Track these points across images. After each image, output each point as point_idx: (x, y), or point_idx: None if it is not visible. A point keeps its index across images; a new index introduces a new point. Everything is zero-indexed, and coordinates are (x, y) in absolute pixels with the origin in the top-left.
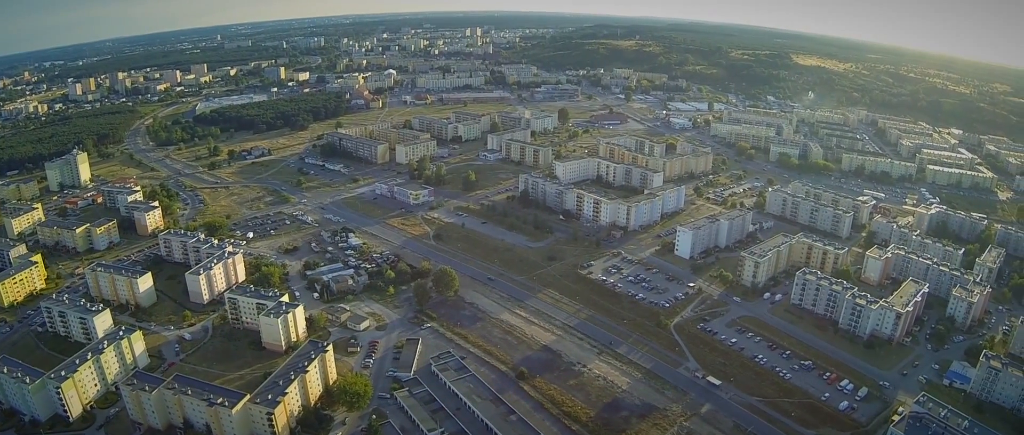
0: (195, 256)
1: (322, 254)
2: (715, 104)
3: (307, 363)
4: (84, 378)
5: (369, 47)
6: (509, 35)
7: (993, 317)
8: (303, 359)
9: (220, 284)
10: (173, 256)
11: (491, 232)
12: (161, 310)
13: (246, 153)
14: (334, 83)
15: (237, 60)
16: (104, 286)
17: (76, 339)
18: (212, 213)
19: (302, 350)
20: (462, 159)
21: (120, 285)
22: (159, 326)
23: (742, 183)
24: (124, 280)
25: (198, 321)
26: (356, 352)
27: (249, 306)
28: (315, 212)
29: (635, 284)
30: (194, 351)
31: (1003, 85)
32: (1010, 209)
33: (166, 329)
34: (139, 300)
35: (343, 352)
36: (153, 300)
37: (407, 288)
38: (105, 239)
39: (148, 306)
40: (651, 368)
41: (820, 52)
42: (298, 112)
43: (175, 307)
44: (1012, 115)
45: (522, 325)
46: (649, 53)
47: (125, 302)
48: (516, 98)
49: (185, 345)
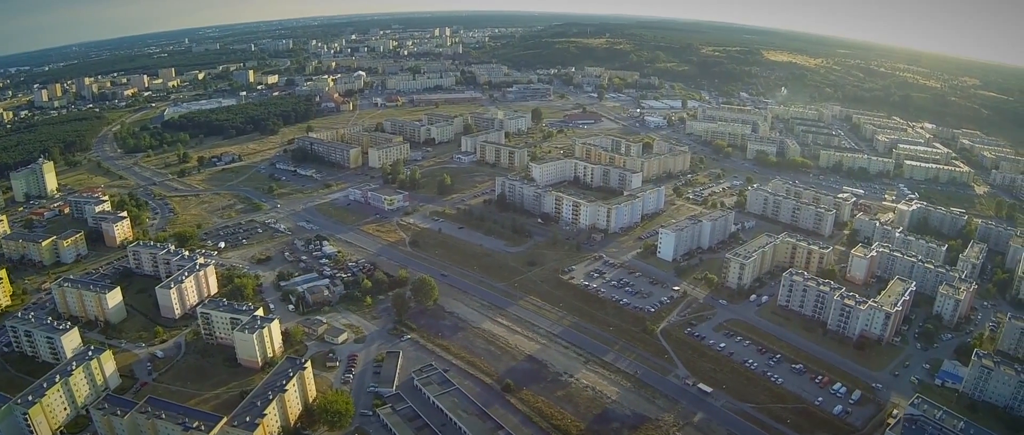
0: (165, 268)
1: (296, 264)
2: (689, 101)
3: (285, 381)
4: (53, 402)
5: (338, 49)
6: (478, 34)
7: (979, 313)
8: (281, 377)
9: (192, 298)
10: (143, 268)
11: (468, 237)
12: (131, 326)
13: (216, 159)
14: (304, 86)
15: (205, 63)
16: (72, 302)
17: (44, 359)
18: (182, 223)
19: (280, 367)
20: (436, 162)
21: (88, 301)
22: (130, 343)
23: (721, 182)
24: (92, 296)
25: (170, 337)
26: (335, 367)
27: (223, 321)
28: (288, 219)
29: (618, 289)
30: (167, 369)
31: (972, 79)
32: (988, 203)
33: (137, 346)
34: (108, 316)
35: (321, 367)
36: (123, 316)
37: (385, 298)
38: (72, 252)
39: (118, 322)
40: (640, 376)
41: (790, 48)
42: (268, 116)
43: (146, 323)
44: (983, 108)
45: (505, 334)
46: (620, 51)
47: (94, 318)
48: (488, 98)
49: (157, 363)
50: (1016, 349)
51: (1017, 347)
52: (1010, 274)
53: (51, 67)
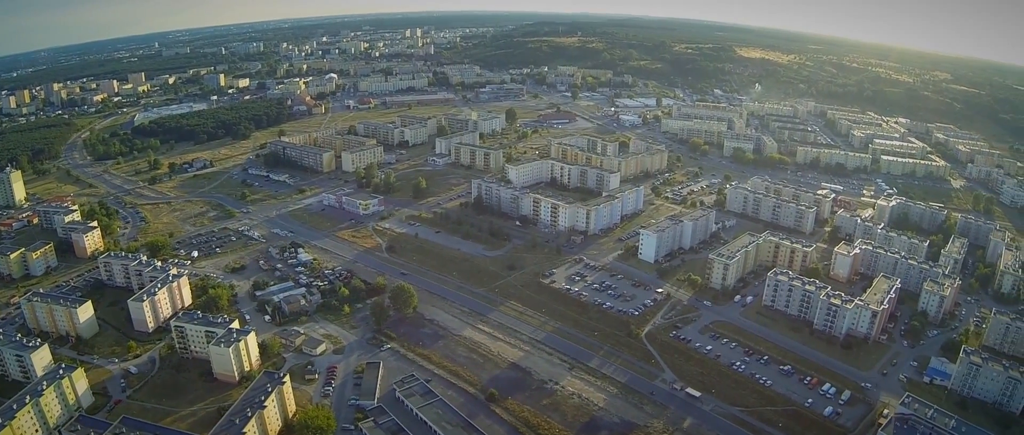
0: (138, 280)
1: (271, 272)
2: (663, 99)
3: (264, 397)
4: (23, 425)
5: (309, 51)
6: (449, 35)
7: (963, 309)
8: (259, 392)
9: (165, 310)
10: (114, 280)
11: (446, 241)
12: (104, 341)
13: (187, 165)
14: (275, 89)
15: (175, 68)
16: (41, 317)
17: (13, 378)
18: (154, 231)
19: (258, 382)
20: (410, 165)
21: (59, 315)
22: (102, 359)
23: (699, 180)
24: (63, 310)
25: (144, 352)
26: (314, 380)
27: (198, 334)
28: (262, 226)
29: (601, 292)
30: (141, 386)
31: (943, 73)
32: (965, 197)
33: (110, 362)
34: (79, 331)
35: (300, 380)
36: (95, 330)
37: (363, 306)
38: (42, 264)
39: (90, 337)
40: (627, 382)
41: (762, 44)
42: (239, 120)
43: (118, 337)
44: (956, 102)
45: (487, 341)
46: (592, 49)
47: (65, 334)
48: (461, 99)
49: (131, 379)
50: (1002, 344)
51: (1003, 342)
52: (991, 268)
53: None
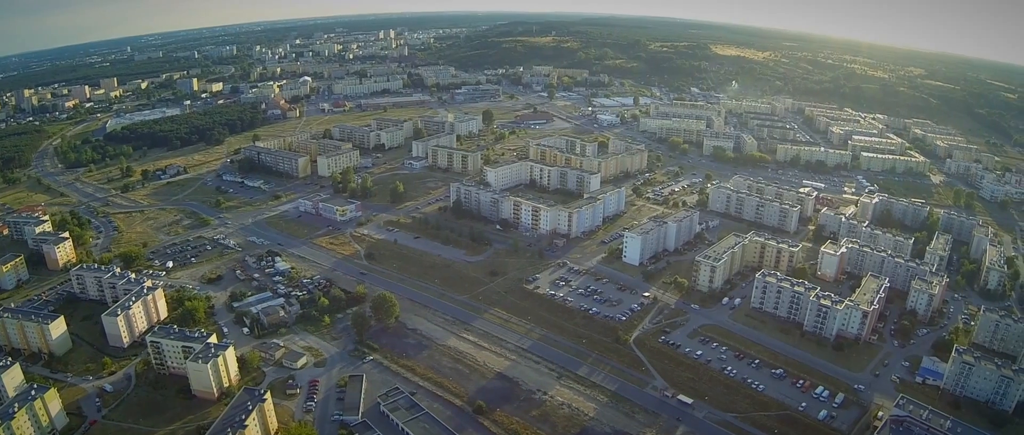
0: (112, 293)
1: (248, 282)
2: (640, 98)
3: (245, 416)
4: None
5: (282, 54)
6: (423, 36)
7: (951, 306)
8: (240, 411)
9: (141, 324)
10: (87, 293)
11: (426, 247)
12: (77, 358)
13: (160, 172)
14: (249, 93)
15: (148, 72)
16: (12, 334)
17: None
18: (127, 241)
19: (238, 400)
20: (387, 168)
21: (30, 332)
22: (76, 377)
23: (680, 180)
24: (34, 326)
25: (119, 368)
26: (296, 394)
27: (174, 350)
28: (237, 234)
29: (586, 297)
30: (117, 405)
31: (917, 69)
32: (945, 193)
33: (84, 380)
34: (52, 348)
35: (281, 395)
36: (68, 346)
37: (343, 316)
38: (12, 277)
39: (63, 354)
40: (616, 390)
41: (737, 42)
42: (213, 125)
43: (93, 353)
44: (932, 98)
45: (472, 351)
46: (567, 49)
47: (37, 351)
48: (436, 101)
49: (106, 398)
50: (991, 341)
51: (992, 339)
52: (977, 264)
53: None
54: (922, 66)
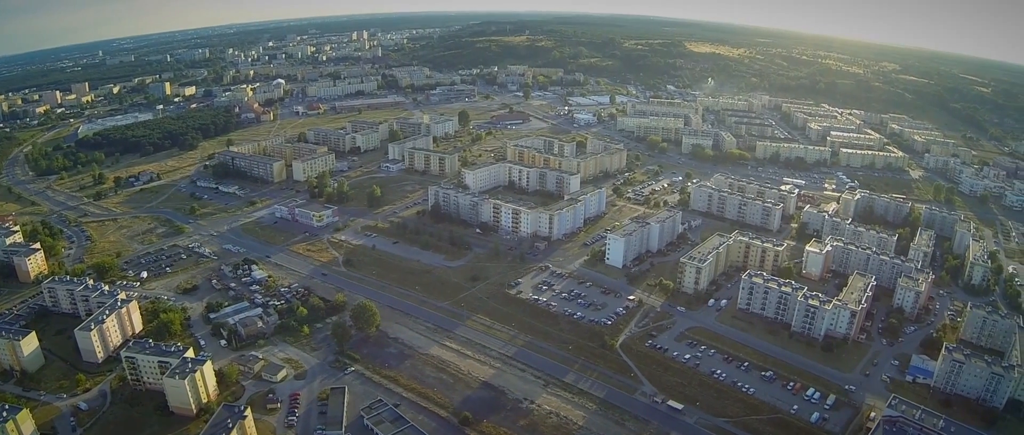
0: (85, 306)
1: (225, 292)
2: (616, 96)
3: (225, 433)
4: None
5: (255, 57)
6: (396, 37)
7: (937, 303)
8: (219, 429)
9: (115, 338)
10: (60, 306)
11: (405, 252)
12: (50, 374)
13: (133, 179)
14: (222, 96)
15: (120, 76)
16: None
17: None
18: (101, 251)
19: (217, 417)
20: (363, 172)
21: (1, 348)
22: (50, 395)
23: (660, 179)
24: (5, 343)
25: (94, 385)
26: (276, 409)
27: (150, 365)
28: (213, 242)
29: (570, 301)
30: (93, 423)
31: (891, 64)
32: (925, 188)
33: (58, 398)
34: (24, 365)
35: (261, 410)
36: (41, 363)
37: (323, 326)
38: None
39: (35, 371)
40: (605, 397)
41: (712, 39)
42: (186, 130)
43: (66, 369)
44: (907, 93)
45: (455, 359)
46: (542, 48)
47: (8, 368)
48: (411, 102)
49: (81, 417)
50: (979, 338)
51: (980, 336)
52: (960, 260)
53: None
54: (895, 61)
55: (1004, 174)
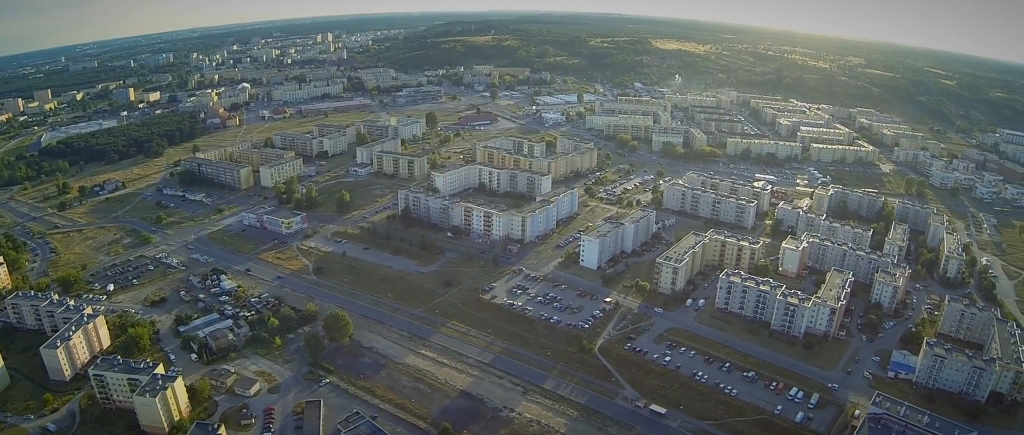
0: (50, 322)
1: (194, 303)
2: (584, 95)
3: None
4: None
5: (220, 61)
6: (361, 38)
7: (913, 297)
8: None
9: (83, 355)
10: (25, 323)
11: (376, 258)
12: (17, 394)
13: (98, 188)
14: (187, 102)
15: (84, 83)
16: None
17: None
18: (65, 264)
19: None
20: (331, 176)
21: None
22: (16, 417)
23: (631, 178)
24: None
25: (62, 404)
26: (251, 424)
27: (120, 383)
28: (180, 252)
29: (546, 305)
30: None
31: (857, 58)
32: (896, 182)
33: (25, 419)
34: None
35: (235, 426)
36: (7, 382)
37: (295, 336)
38: None
39: (0, 391)
40: (586, 403)
41: (678, 35)
42: (151, 137)
43: (33, 389)
44: (873, 87)
45: (432, 368)
46: (508, 47)
47: None
48: (378, 104)
49: None
50: (957, 331)
51: (958, 328)
52: (935, 253)
53: None
54: (860, 55)
55: (973, 166)
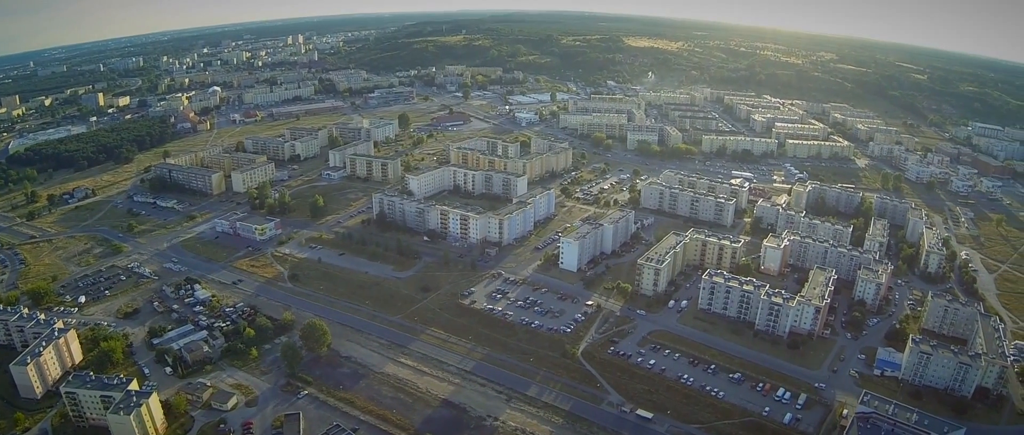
0: (20, 337)
1: (167, 314)
2: (557, 94)
3: None
4: None
5: (190, 64)
6: (332, 40)
7: (896, 293)
8: None
9: (54, 371)
10: None
11: (352, 264)
12: None
13: (68, 196)
14: (157, 106)
15: (52, 88)
16: None
17: None
18: (35, 275)
19: None
20: (304, 181)
21: None
22: None
23: (607, 177)
24: None
25: (34, 423)
26: None
27: (93, 400)
28: (153, 261)
29: (526, 309)
30: None
31: (828, 53)
32: (873, 177)
33: None
34: None
35: None
36: None
37: (272, 347)
38: None
39: None
40: (571, 409)
41: (649, 33)
42: (121, 142)
43: (3, 408)
44: (846, 82)
45: (412, 377)
46: (479, 47)
47: None
48: (350, 106)
49: None
50: (941, 326)
51: (942, 324)
52: (915, 248)
53: None
54: (831, 50)
55: (948, 160)
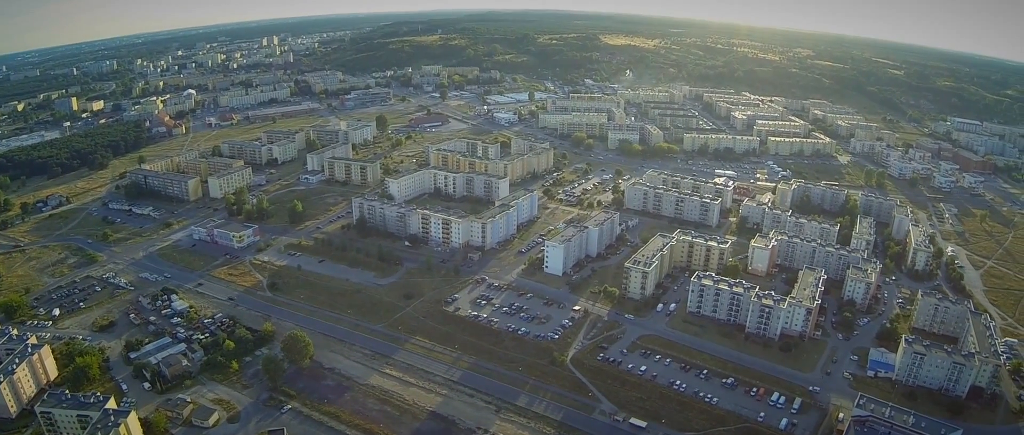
0: None
1: (144, 326)
2: (535, 93)
3: None
4: None
5: (164, 67)
6: (307, 41)
7: (884, 291)
8: None
9: (29, 389)
10: None
11: (332, 271)
12: None
13: (41, 204)
14: (131, 110)
15: (25, 92)
16: None
17: None
18: (8, 288)
19: None
20: (282, 185)
21: None
22: None
23: (589, 177)
24: None
25: None
26: None
27: (69, 420)
28: (128, 271)
29: (512, 316)
30: None
31: (805, 50)
32: (856, 173)
33: None
34: None
35: None
36: None
37: (252, 359)
38: None
39: None
40: (563, 419)
41: (626, 31)
42: (95, 148)
43: None
44: (824, 78)
45: (398, 388)
46: (455, 46)
47: None
48: (326, 108)
49: None
50: (932, 325)
51: (932, 322)
52: (902, 246)
53: None
54: (808, 47)
55: (929, 155)
